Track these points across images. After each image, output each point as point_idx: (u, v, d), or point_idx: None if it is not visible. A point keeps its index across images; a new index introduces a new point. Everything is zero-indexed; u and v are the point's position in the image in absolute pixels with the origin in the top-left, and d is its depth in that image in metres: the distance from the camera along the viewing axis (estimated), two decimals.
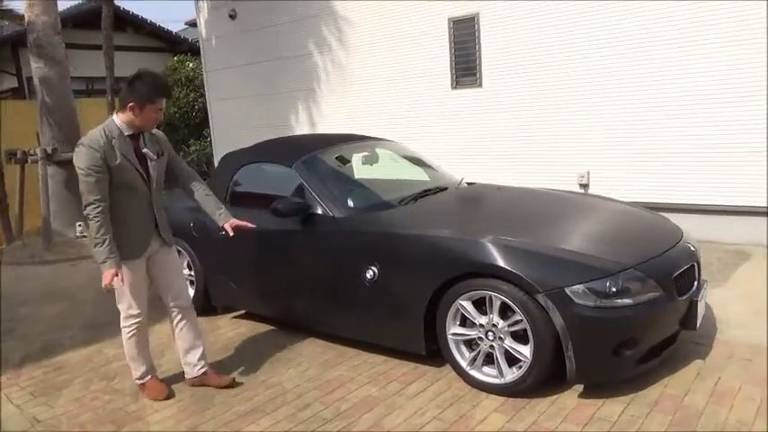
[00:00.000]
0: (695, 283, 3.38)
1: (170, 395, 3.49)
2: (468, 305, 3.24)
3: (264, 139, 5.39)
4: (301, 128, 8.85)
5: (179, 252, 4.65)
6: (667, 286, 3.12)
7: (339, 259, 3.74)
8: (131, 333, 3.41)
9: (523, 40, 6.55)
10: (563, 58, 6.31)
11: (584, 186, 6.32)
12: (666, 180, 5.88)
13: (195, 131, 12.35)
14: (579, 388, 3.21)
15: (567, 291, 2.95)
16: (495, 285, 3.11)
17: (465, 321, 3.32)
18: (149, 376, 3.53)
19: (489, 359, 3.28)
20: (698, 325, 3.32)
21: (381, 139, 5.02)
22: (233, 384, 3.56)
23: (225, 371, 3.79)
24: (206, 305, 4.67)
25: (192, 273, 4.65)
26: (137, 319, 3.39)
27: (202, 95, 11.79)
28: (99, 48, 9.92)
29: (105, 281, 3.08)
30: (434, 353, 3.50)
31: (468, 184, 4.66)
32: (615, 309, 2.96)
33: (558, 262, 3.09)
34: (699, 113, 5.64)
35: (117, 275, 3.10)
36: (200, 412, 3.31)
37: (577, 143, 6.35)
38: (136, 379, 3.53)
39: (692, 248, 3.50)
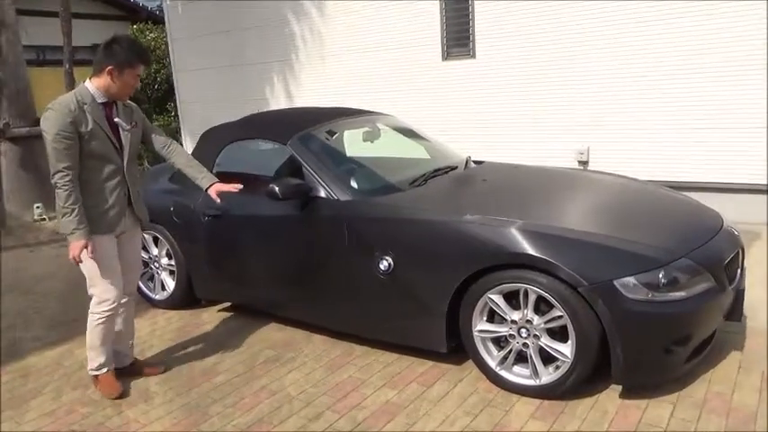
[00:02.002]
0: (739, 270, 3.11)
1: (124, 393, 3.21)
2: (498, 299, 2.89)
3: (236, 113, 4.90)
4: (277, 101, 8.31)
5: (156, 240, 4.24)
6: (719, 276, 2.83)
7: (347, 248, 3.33)
8: (100, 321, 3.10)
9: (520, 7, 6.15)
10: (563, 26, 5.95)
11: (584, 164, 6.03)
12: (673, 156, 5.62)
13: (158, 105, 11.66)
14: (617, 387, 2.92)
15: (616, 283, 2.63)
16: (532, 278, 2.77)
17: (493, 317, 2.98)
18: (105, 369, 3.23)
19: (520, 357, 2.96)
20: (742, 316, 3.07)
21: (379, 114, 4.59)
22: (164, 372, 3.45)
23: (216, 372, 3.41)
24: (189, 297, 4.24)
25: (173, 262, 4.18)
26: (110, 306, 3.08)
27: (165, 67, 11.10)
28: (49, 14, 9.09)
29: (73, 252, 2.90)
30: (453, 349, 3.16)
31: (476, 162, 4.29)
32: (668, 303, 2.65)
33: (604, 251, 2.75)
34: (703, 88, 5.38)
35: (87, 247, 2.90)
36: (195, 425, 2.90)
37: (577, 118, 6.03)
38: (90, 370, 3.24)
39: (736, 233, 3.22)
